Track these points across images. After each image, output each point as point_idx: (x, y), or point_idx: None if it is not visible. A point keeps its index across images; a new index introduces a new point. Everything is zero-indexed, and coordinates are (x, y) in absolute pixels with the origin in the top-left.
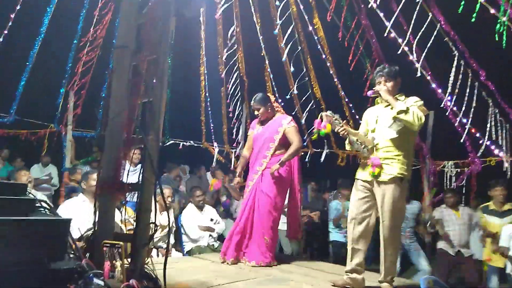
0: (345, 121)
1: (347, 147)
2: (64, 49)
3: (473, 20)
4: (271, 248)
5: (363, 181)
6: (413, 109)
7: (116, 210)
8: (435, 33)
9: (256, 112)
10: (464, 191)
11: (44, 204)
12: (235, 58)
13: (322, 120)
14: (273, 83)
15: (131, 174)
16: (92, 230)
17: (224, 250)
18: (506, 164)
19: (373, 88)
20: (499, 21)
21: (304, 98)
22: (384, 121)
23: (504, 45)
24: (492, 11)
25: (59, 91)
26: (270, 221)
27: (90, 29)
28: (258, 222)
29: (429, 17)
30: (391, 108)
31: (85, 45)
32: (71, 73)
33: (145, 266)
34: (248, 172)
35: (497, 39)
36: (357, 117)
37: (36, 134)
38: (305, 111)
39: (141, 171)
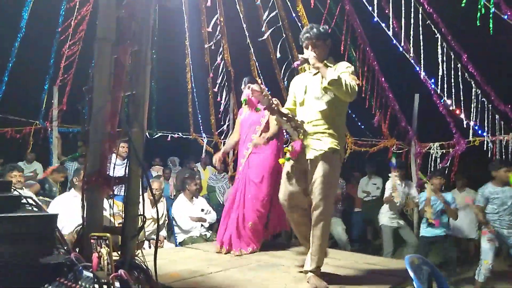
0: (276, 101)
1: (276, 120)
2: (46, 45)
3: (462, 5)
4: (254, 233)
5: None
6: (345, 77)
7: (106, 204)
8: (419, 16)
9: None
10: (447, 171)
11: (30, 201)
12: (220, 49)
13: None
14: (259, 72)
15: (119, 168)
16: (81, 224)
17: (220, 238)
18: (489, 144)
19: (300, 56)
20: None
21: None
22: (313, 92)
23: (491, 31)
24: None
25: (43, 87)
26: (256, 206)
27: (71, 22)
28: (244, 208)
29: (412, 0)
30: (322, 77)
31: (67, 39)
32: (55, 68)
33: (136, 257)
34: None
35: (478, 23)
36: None
37: (21, 131)
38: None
39: (127, 163)
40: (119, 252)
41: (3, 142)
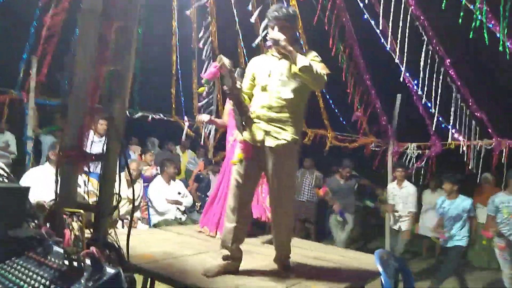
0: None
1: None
2: (28, 12)
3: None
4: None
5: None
6: (316, 65)
7: (81, 180)
8: (407, 18)
9: None
10: (423, 172)
11: (1, 172)
12: (208, 30)
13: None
14: (246, 58)
15: (96, 145)
16: (54, 199)
17: (203, 222)
18: (464, 148)
19: (270, 36)
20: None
21: None
22: (279, 77)
23: (485, 37)
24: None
25: (22, 57)
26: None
27: None
28: (223, 193)
29: (403, 2)
30: (292, 63)
31: (49, 8)
32: (35, 38)
33: (108, 236)
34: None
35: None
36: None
37: None
38: None
39: (106, 140)
40: (91, 230)
41: None
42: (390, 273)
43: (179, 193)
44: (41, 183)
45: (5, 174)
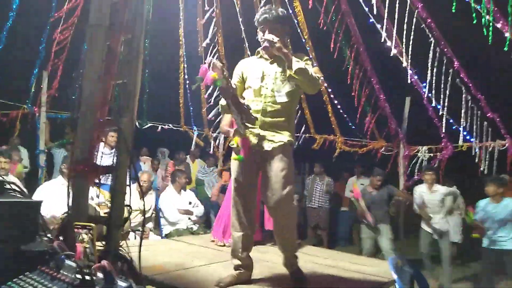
0: (234, 84)
1: (221, 107)
2: (38, 28)
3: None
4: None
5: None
6: (310, 69)
7: (93, 192)
8: (413, 19)
9: None
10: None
11: (14, 187)
12: (215, 40)
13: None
14: None
15: (107, 157)
16: (66, 212)
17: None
18: (476, 150)
19: (265, 37)
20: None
21: None
22: (272, 81)
23: (489, 40)
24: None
25: (33, 72)
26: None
27: (64, 6)
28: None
29: (408, 3)
30: (286, 67)
31: (59, 24)
32: (46, 53)
33: (120, 248)
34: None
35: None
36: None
37: (8, 115)
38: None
39: (116, 153)
40: (103, 242)
41: None
42: (405, 280)
43: (190, 203)
44: (54, 197)
45: (18, 189)
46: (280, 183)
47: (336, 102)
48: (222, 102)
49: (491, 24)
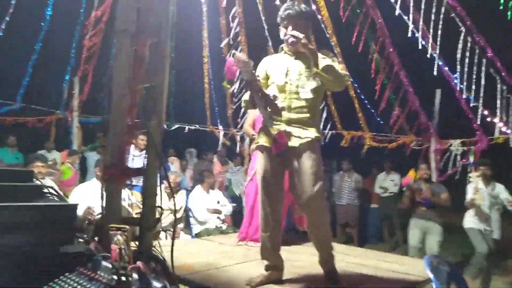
0: (258, 76)
1: (244, 103)
2: (68, 35)
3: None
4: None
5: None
6: (336, 66)
7: (125, 194)
8: (442, 10)
9: None
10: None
11: (51, 190)
12: (238, 39)
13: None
14: None
15: (138, 159)
16: (100, 214)
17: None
18: None
19: (290, 33)
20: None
21: None
22: (297, 77)
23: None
24: None
25: (64, 78)
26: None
27: (92, 13)
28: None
29: None
30: (312, 64)
31: (88, 30)
32: (76, 59)
33: (153, 248)
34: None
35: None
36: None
37: (43, 121)
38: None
39: (145, 156)
40: (136, 243)
41: (26, 131)
42: (442, 279)
43: (218, 202)
44: (89, 198)
45: (55, 193)
46: (310, 180)
47: (363, 97)
48: (245, 97)
49: None
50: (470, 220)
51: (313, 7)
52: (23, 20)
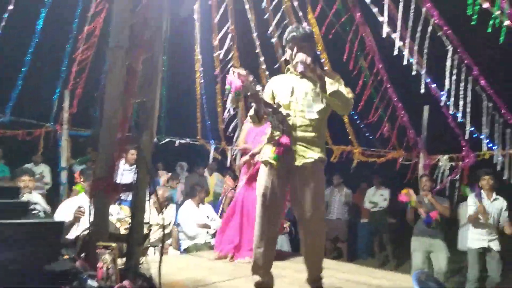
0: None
1: (251, 119)
2: (60, 49)
3: (474, 19)
4: None
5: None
6: (343, 90)
7: (113, 209)
8: (429, 28)
9: None
10: (458, 185)
11: (38, 207)
12: (230, 55)
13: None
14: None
15: (127, 173)
16: (88, 230)
17: (218, 245)
18: (499, 158)
19: (299, 59)
20: (493, 16)
21: None
22: (302, 96)
23: (501, 39)
24: (486, 5)
25: (55, 91)
26: None
27: (84, 27)
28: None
29: (423, 12)
30: (320, 88)
31: (80, 44)
32: (67, 72)
33: (140, 265)
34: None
35: (489, 30)
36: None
37: (32, 134)
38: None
39: (136, 171)
40: (123, 259)
41: (15, 144)
42: None
43: (208, 217)
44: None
45: (42, 209)
46: (311, 201)
47: (352, 112)
48: (251, 112)
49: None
50: (470, 239)
51: (304, 24)
52: (13, 32)
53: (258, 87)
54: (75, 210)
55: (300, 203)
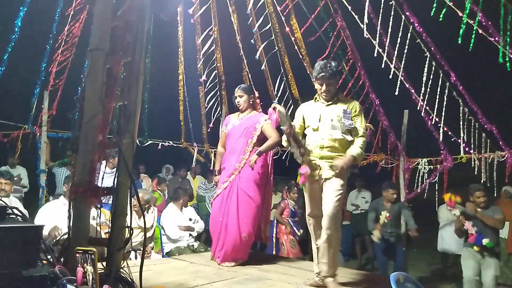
0: (293, 124)
1: (284, 142)
2: (39, 49)
3: (453, 27)
4: (246, 245)
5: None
6: (361, 141)
7: (93, 213)
8: (408, 35)
9: (237, 100)
10: (437, 187)
11: (16, 211)
12: (213, 58)
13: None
14: (251, 83)
15: (108, 177)
16: (67, 234)
17: (214, 249)
18: (476, 161)
19: (337, 166)
20: (463, 24)
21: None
22: (329, 121)
23: (470, 47)
24: (460, 13)
25: (34, 92)
26: (250, 218)
27: (64, 28)
28: (236, 220)
29: (403, 19)
30: (341, 111)
31: (60, 45)
32: (46, 73)
33: (121, 270)
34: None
35: (460, 41)
36: None
37: (9, 135)
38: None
39: (116, 174)
40: (104, 263)
41: None
42: None
43: (191, 219)
44: (56, 218)
45: (19, 213)
46: (331, 197)
47: None
48: (284, 138)
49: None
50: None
51: (287, 29)
52: None
53: (291, 123)
54: (51, 229)
55: (324, 201)
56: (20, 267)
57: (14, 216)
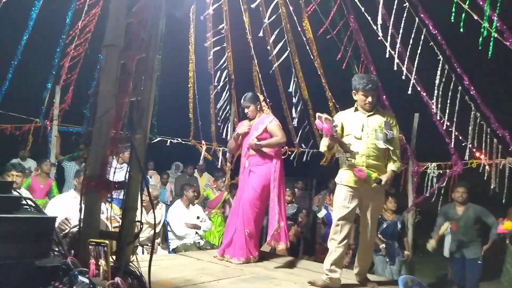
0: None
1: (323, 149)
2: (52, 43)
3: (461, 28)
4: (250, 241)
5: (350, 186)
6: (398, 153)
7: (104, 207)
8: (421, 37)
9: (246, 110)
10: (443, 192)
11: (29, 202)
12: (224, 57)
13: (321, 121)
14: (262, 83)
15: (118, 171)
16: (78, 227)
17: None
18: (487, 167)
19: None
20: (482, 27)
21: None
22: (372, 131)
23: (489, 55)
24: (476, 17)
25: (46, 86)
26: (253, 213)
27: (78, 23)
28: (241, 215)
29: (416, 22)
30: (383, 122)
31: (73, 40)
32: (58, 67)
33: (130, 264)
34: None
35: (480, 47)
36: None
37: (21, 128)
38: (296, 112)
39: (128, 169)
40: (113, 257)
41: (3, 138)
42: None
43: (198, 217)
44: (67, 210)
45: (33, 204)
46: (374, 221)
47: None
48: (323, 148)
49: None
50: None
51: (299, 29)
52: (4, 25)
53: (337, 129)
54: (60, 221)
55: (368, 217)
56: (33, 257)
57: (28, 207)
